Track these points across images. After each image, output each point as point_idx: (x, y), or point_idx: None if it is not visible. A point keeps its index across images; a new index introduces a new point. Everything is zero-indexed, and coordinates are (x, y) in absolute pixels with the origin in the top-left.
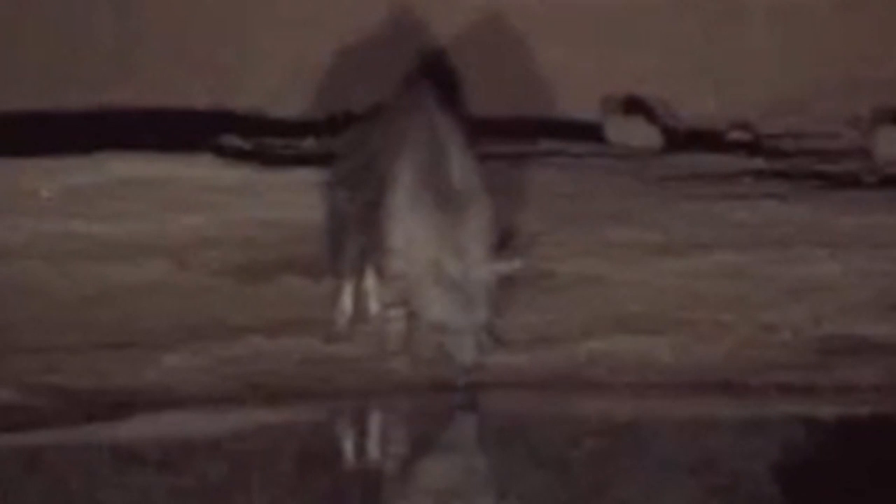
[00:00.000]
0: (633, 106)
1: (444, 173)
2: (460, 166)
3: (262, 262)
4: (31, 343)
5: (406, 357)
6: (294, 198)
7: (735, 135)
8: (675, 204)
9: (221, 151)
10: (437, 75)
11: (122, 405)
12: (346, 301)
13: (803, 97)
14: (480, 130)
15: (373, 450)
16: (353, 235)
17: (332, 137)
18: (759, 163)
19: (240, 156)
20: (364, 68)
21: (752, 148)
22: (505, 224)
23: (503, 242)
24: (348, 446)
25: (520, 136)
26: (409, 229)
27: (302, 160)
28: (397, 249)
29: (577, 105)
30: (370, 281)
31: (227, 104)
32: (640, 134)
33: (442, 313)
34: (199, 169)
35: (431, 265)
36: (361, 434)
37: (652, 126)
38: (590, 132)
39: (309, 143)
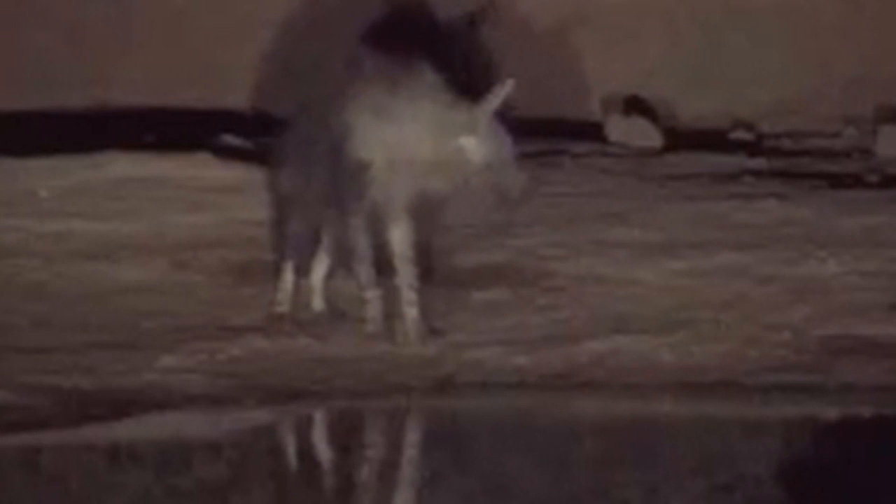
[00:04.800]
0: (633, 106)
1: (387, 75)
2: (400, 65)
3: (261, 262)
4: (30, 343)
5: (387, 338)
6: None
7: (735, 135)
8: (675, 204)
9: (221, 151)
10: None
11: (120, 405)
12: (288, 278)
13: (803, 97)
14: None
15: (371, 449)
16: (297, 215)
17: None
18: (759, 163)
19: (240, 156)
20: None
21: (753, 148)
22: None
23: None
24: (347, 446)
25: (520, 136)
26: (390, 129)
27: None
28: (378, 169)
29: (577, 105)
30: (317, 277)
31: (227, 104)
32: (640, 134)
33: (486, 153)
34: (199, 169)
35: (454, 123)
36: (359, 434)
37: (652, 126)
38: (590, 132)
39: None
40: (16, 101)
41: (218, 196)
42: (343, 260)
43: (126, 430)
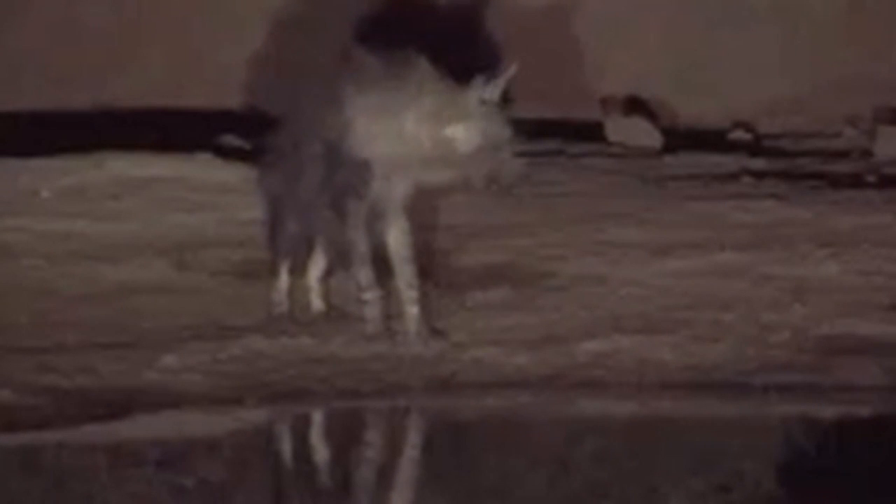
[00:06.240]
0: (633, 106)
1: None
2: (376, 55)
3: (261, 262)
4: (30, 343)
5: (387, 339)
6: None
7: (735, 135)
8: (675, 204)
9: (221, 151)
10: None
11: (120, 405)
12: (283, 278)
13: (803, 97)
14: None
15: (371, 449)
16: (291, 214)
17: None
18: (759, 163)
19: (240, 156)
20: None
21: (752, 148)
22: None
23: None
24: (347, 446)
25: (520, 136)
26: (388, 114)
27: None
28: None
29: (577, 105)
30: (313, 277)
31: (227, 104)
32: (640, 134)
33: (481, 137)
34: (199, 169)
35: (450, 108)
36: (359, 434)
37: (652, 126)
38: (590, 132)
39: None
40: (16, 101)
41: (218, 196)
42: (341, 260)
43: (126, 430)
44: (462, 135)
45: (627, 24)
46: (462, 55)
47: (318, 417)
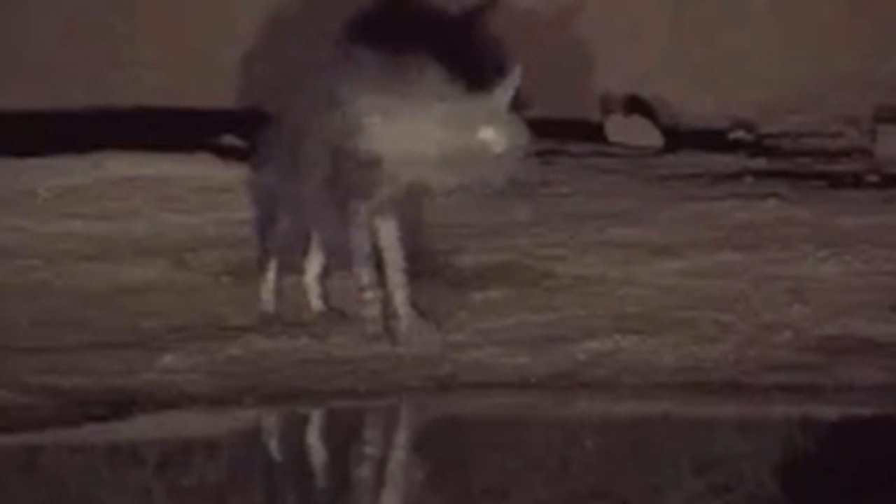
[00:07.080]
0: (633, 106)
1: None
2: (379, 57)
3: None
4: (30, 343)
5: (387, 339)
6: None
7: (735, 135)
8: (675, 204)
9: (221, 151)
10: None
11: (121, 405)
12: (272, 275)
13: (803, 97)
14: None
15: (370, 449)
16: (287, 211)
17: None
18: (759, 163)
19: (240, 156)
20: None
21: (753, 148)
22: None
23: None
24: (346, 446)
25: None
26: (397, 119)
27: None
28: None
29: (577, 105)
30: (311, 276)
31: (227, 104)
32: (640, 134)
33: (509, 140)
34: (198, 169)
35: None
36: (359, 434)
37: (652, 126)
38: (590, 132)
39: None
40: (16, 100)
41: (218, 196)
42: (340, 259)
43: (126, 429)
44: (493, 138)
45: (628, 24)
46: (463, 56)
47: (317, 417)
